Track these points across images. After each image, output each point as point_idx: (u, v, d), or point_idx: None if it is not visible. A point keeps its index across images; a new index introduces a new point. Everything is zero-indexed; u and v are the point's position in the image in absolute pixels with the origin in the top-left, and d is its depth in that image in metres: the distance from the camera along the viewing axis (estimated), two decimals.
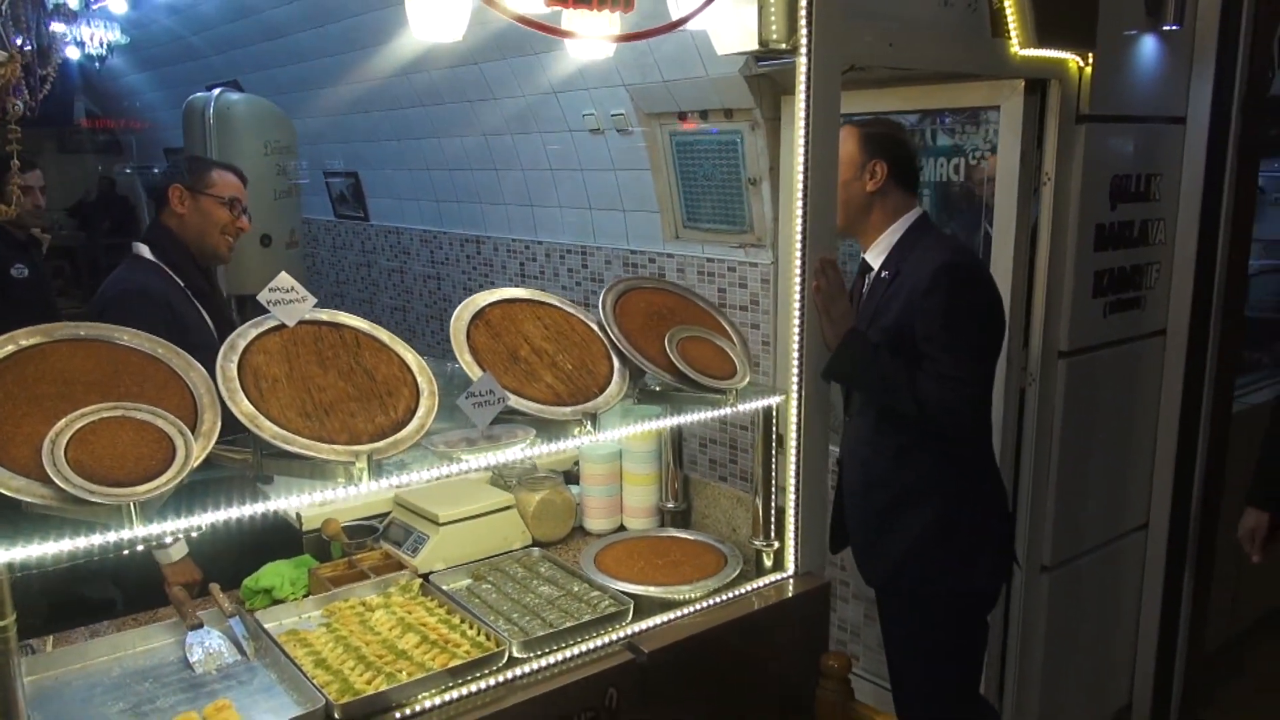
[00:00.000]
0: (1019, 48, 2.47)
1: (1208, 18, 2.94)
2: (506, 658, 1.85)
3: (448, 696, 1.75)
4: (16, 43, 2.64)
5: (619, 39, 2.02)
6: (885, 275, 2.32)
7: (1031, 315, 2.82)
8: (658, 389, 2.19)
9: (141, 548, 1.45)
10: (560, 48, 3.32)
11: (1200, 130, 2.98)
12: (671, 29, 2.00)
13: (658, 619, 2.04)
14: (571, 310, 2.14)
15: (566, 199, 4.37)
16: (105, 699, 1.74)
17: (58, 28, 6.09)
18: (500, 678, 1.82)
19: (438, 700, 1.74)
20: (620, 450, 2.62)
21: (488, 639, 1.90)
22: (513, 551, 2.38)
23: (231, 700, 1.69)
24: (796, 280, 2.19)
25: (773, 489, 2.28)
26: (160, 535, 1.45)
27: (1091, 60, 2.67)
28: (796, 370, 2.23)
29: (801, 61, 2.07)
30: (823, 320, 2.20)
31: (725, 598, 2.15)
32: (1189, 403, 3.13)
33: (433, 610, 2.04)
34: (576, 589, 2.14)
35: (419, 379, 1.83)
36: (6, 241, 3.81)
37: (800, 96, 2.09)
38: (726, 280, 3.68)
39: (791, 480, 2.27)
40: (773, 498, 2.29)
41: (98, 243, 9.25)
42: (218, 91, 4.45)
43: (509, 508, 2.47)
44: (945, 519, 2.28)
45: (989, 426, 2.41)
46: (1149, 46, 2.84)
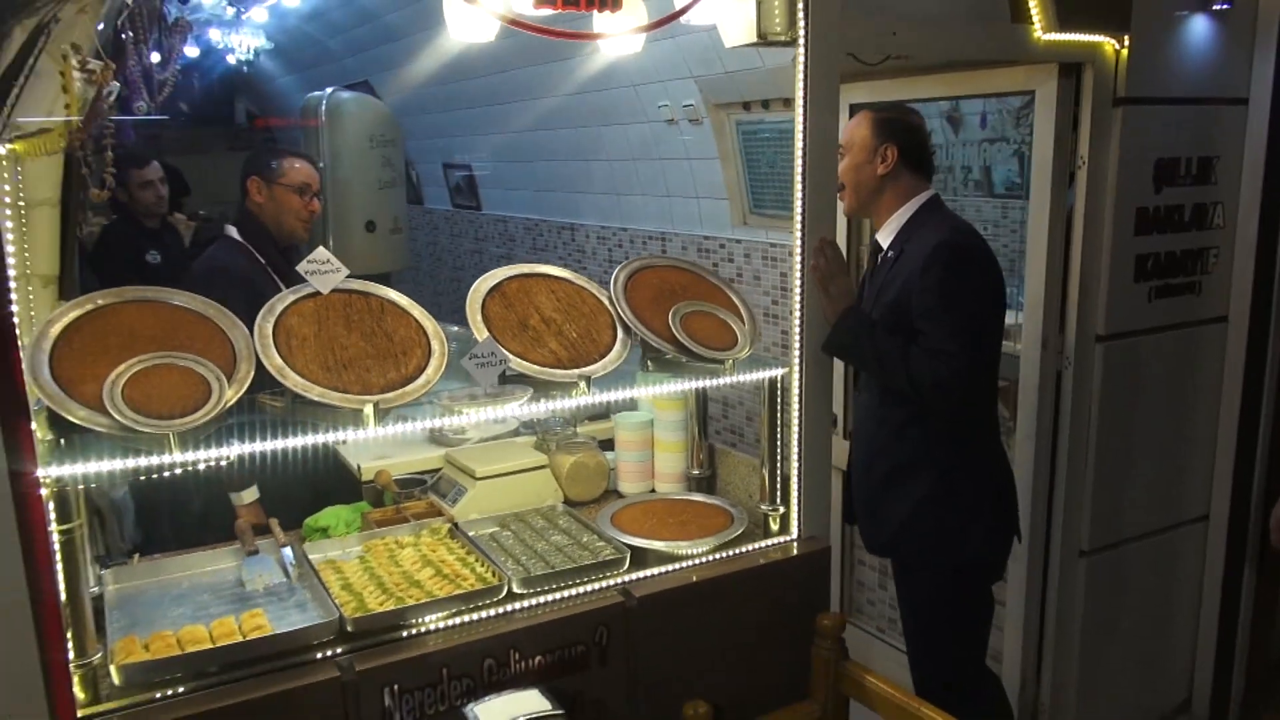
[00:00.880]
0: (1042, 32, 2.50)
1: None
2: (506, 591, 2.07)
3: (450, 622, 1.99)
4: (151, 53, 3.05)
5: (638, 30, 2.21)
6: (891, 254, 2.42)
7: (1067, 299, 2.82)
8: (668, 359, 2.36)
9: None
10: (641, 40, 3.53)
11: (1261, 111, 2.90)
12: (672, 20, 2.17)
13: (651, 570, 2.22)
14: (584, 285, 2.34)
15: (647, 187, 4.58)
16: (170, 605, 2.07)
17: (215, 35, 6.74)
18: (500, 609, 2.05)
19: (442, 624, 1.99)
20: (652, 419, 2.80)
21: (492, 575, 2.13)
22: (541, 506, 2.61)
23: (266, 612, 1.98)
24: (797, 258, 2.32)
25: (778, 456, 2.42)
26: (195, 461, 1.75)
27: (1128, 43, 2.66)
28: (798, 343, 2.36)
29: (800, 51, 2.20)
30: (822, 298, 2.32)
31: (721, 555, 2.31)
32: (1250, 392, 3.05)
33: (453, 550, 2.28)
34: (585, 539, 2.34)
35: (433, 342, 2.07)
36: (140, 230, 4.31)
37: (799, 85, 2.22)
38: (787, 265, 3.79)
39: (795, 448, 2.40)
40: (778, 465, 2.43)
41: None
42: (330, 91, 4.87)
43: (543, 467, 2.69)
44: (939, 490, 2.37)
45: (989, 401, 2.46)
46: (1200, 27, 2.79)
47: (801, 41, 2.19)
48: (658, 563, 2.26)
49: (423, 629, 1.97)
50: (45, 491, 1.63)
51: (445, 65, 5.46)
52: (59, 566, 1.67)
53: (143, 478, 1.77)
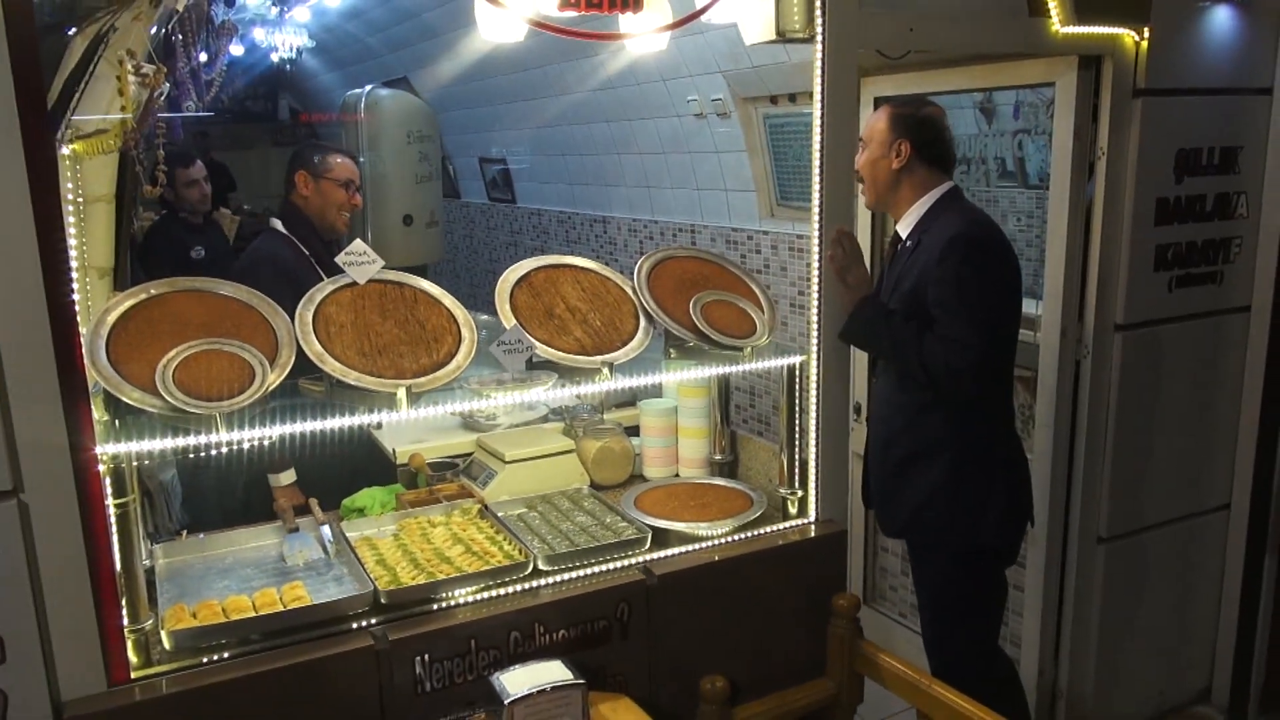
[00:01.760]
0: (1060, 25, 2.54)
1: None
2: (531, 568, 2.17)
3: (479, 596, 2.10)
4: (199, 54, 3.19)
5: (661, 30, 2.29)
6: (909, 244, 2.48)
7: (1086, 289, 2.86)
8: (690, 347, 2.45)
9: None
10: (665, 37, 3.61)
11: None
12: (692, 19, 2.25)
13: (671, 549, 2.31)
14: (609, 275, 2.43)
15: (677, 180, 4.65)
16: (215, 578, 2.19)
17: (259, 34, 6.92)
18: (526, 585, 2.15)
19: (471, 598, 2.09)
20: (676, 406, 2.88)
21: (519, 552, 2.23)
22: (567, 489, 2.70)
23: (305, 584, 2.10)
24: (815, 249, 2.39)
25: (796, 442, 2.50)
26: (240, 440, 1.86)
27: (1148, 34, 2.68)
28: (816, 332, 2.43)
29: (818, 48, 2.27)
30: (839, 287, 2.39)
31: (738, 536, 2.39)
32: (1272, 381, 3.06)
33: (483, 529, 2.39)
34: (609, 520, 2.43)
35: (463, 330, 2.17)
36: (186, 226, 4.47)
37: (817, 80, 2.29)
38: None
39: (813, 433, 2.47)
40: (797, 450, 2.50)
41: None
42: (369, 88, 5.00)
43: (570, 452, 2.79)
44: (953, 475, 2.43)
45: (1004, 389, 2.51)
46: (1222, 17, 2.80)
47: (819, 38, 2.26)
48: (678, 543, 2.35)
49: (452, 602, 2.07)
50: (102, 468, 1.75)
51: (481, 61, 5.56)
52: (115, 538, 1.80)
53: (190, 458, 1.90)
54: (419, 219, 4.95)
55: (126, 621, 1.83)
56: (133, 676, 1.81)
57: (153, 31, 2.26)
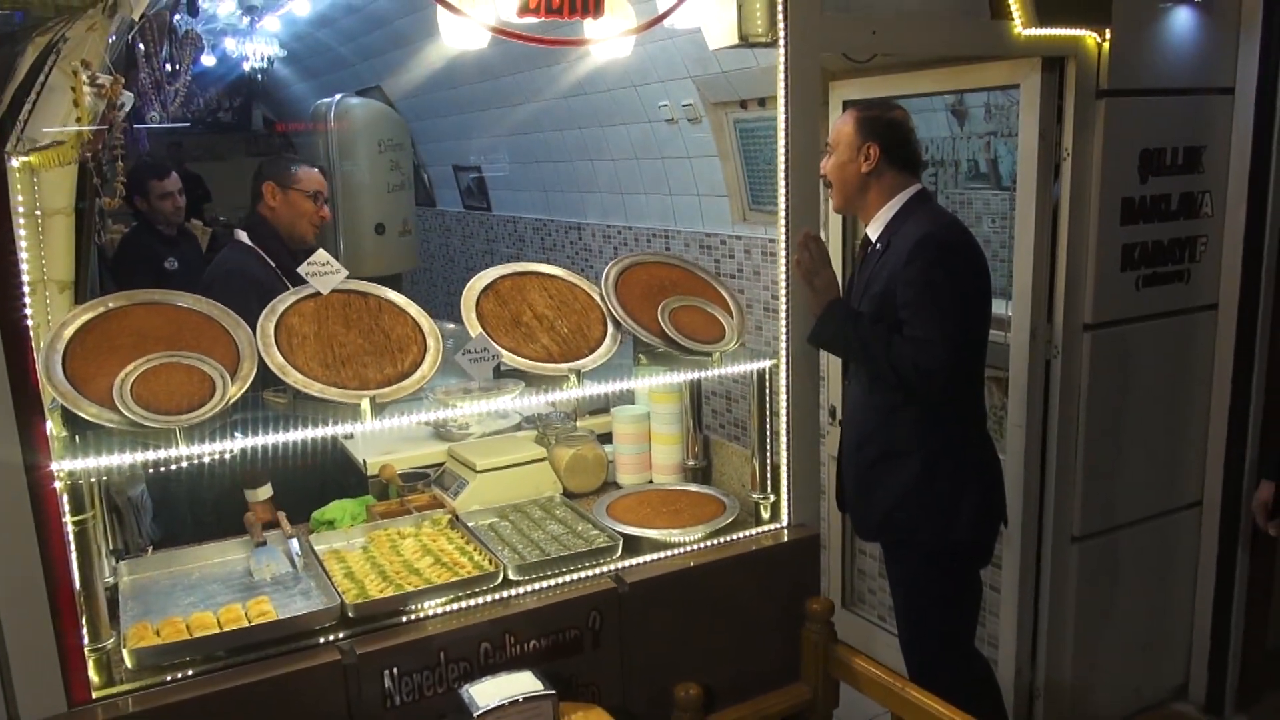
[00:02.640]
0: (1022, 27, 2.55)
1: None
2: (501, 578, 2.15)
3: (448, 607, 2.08)
4: (165, 64, 3.17)
5: (624, 34, 2.29)
6: (879, 247, 2.48)
7: (1054, 289, 2.87)
8: (659, 353, 2.44)
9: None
10: (630, 43, 3.62)
11: (1248, 101, 2.93)
12: (655, 23, 2.24)
13: (643, 557, 2.30)
14: (577, 282, 2.42)
15: (650, 186, 4.65)
16: (181, 594, 2.16)
17: (230, 43, 6.86)
18: (496, 595, 2.13)
19: (440, 609, 2.07)
20: (648, 412, 2.87)
21: (489, 562, 2.21)
22: (540, 498, 2.68)
23: (272, 599, 2.07)
24: (783, 253, 2.39)
25: (768, 447, 2.49)
26: (200, 455, 1.84)
27: (1110, 36, 2.70)
28: (785, 336, 2.43)
29: (780, 52, 2.27)
30: (806, 291, 2.39)
31: (711, 543, 2.38)
32: (1240, 377, 3.08)
33: (453, 539, 2.37)
34: (580, 528, 2.42)
35: (429, 339, 2.16)
36: (159, 238, 4.42)
37: (780, 84, 2.29)
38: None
39: (783, 438, 2.47)
40: (769, 454, 2.50)
41: None
42: (338, 97, 4.98)
43: (541, 460, 2.77)
44: (926, 474, 2.43)
45: (974, 389, 2.51)
46: (1183, 18, 2.83)
47: (782, 42, 2.26)
48: (650, 550, 2.33)
49: (421, 614, 2.05)
50: (59, 484, 1.72)
51: (453, 69, 5.55)
52: (73, 556, 1.77)
53: (160, 472, 1.87)
54: (391, 228, 4.93)
55: (87, 640, 1.80)
56: (94, 696, 1.78)
57: (111, 41, 2.23)
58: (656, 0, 2.37)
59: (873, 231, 2.53)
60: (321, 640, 1.95)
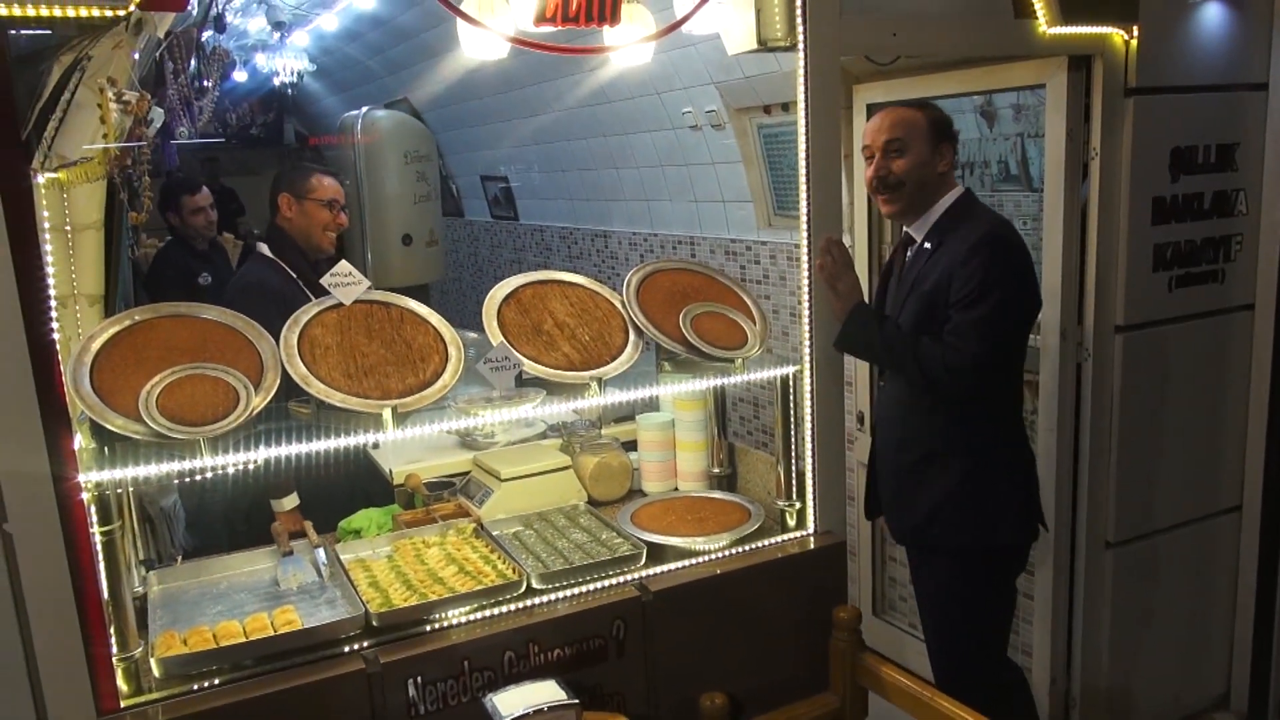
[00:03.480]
0: (1046, 26, 2.52)
1: None
2: (525, 586, 2.15)
3: (472, 616, 2.08)
4: (194, 80, 3.21)
5: (643, 40, 2.29)
6: (928, 246, 2.43)
7: (1084, 291, 2.83)
8: (682, 360, 2.43)
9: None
10: (650, 49, 3.62)
11: None
12: (673, 29, 2.24)
13: (668, 565, 2.28)
14: (598, 290, 2.42)
15: (675, 193, 4.65)
16: (209, 603, 2.18)
17: (260, 59, 6.96)
18: (519, 604, 2.13)
19: (464, 618, 2.07)
20: (673, 420, 2.86)
21: (513, 571, 2.21)
22: (564, 506, 2.68)
23: (298, 608, 2.09)
24: (805, 258, 2.37)
25: (793, 453, 2.47)
26: (225, 465, 1.85)
27: (1137, 33, 2.66)
28: (809, 341, 2.41)
29: (800, 56, 2.26)
30: (830, 295, 2.37)
31: (736, 550, 2.36)
32: (1279, 380, 3.01)
33: (477, 548, 2.37)
34: (604, 536, 2.41)
35: (450, 348, 2.17)
36: (192, 252, 4.49)
37: (800, 88, 2.27)
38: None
39: (809, 444, 2.45)
40: (793, 461, 2.48)
41: None
42: (365, 110, 5.02)
43: (566, 468, 2.77)
44: (969, 477, 2.40)
45: (1015, 390, 2.48)
46: (1213, 13, 2.77)
47: (801, 46, 2.25)
48: (675, 558, 2.32)
49: (445, 623, 2.06)
50: (86, 496, 1.74)
51: (479, 80, 5.59)
52: (101, 566, 1.79)
53: (193, 483, 1.89)
54: (418, 239, 4.97)
55: (115, 650, 1.82)
56: (123, 705, 1.80)
57: (138, 58, 2.27)
58: (675, 7, 2.37)
59: (917, 231, 2.47)
60: (346, 649, 1.96)
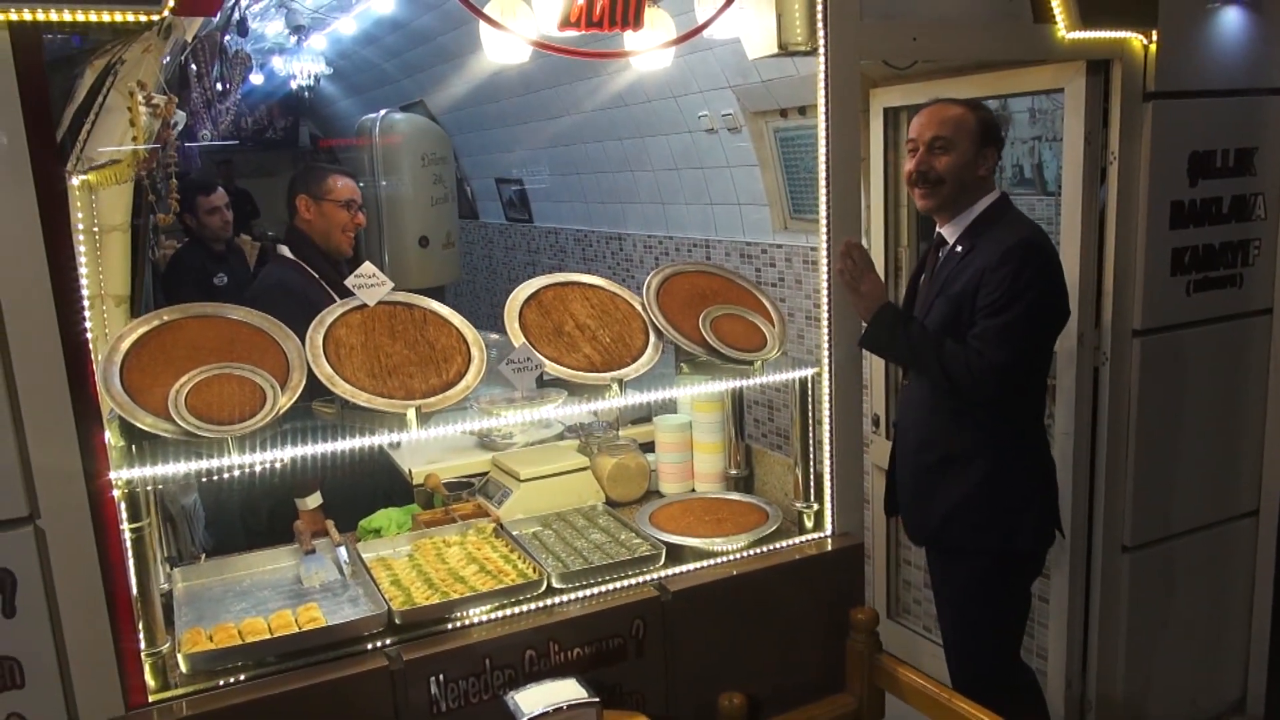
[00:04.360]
0: (1065, 31, 2.53)
1: None
2: (545, 586, 2.17)
3: (493, 615, 2.10)
4: (216, 83, 3.25)
5: (665, 45, 2.31)
6: (960, 249, 2.44)
7: (1102, 295, 2.83)
8: (701, 361, 2.44)
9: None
10: (670, 54, 3.64)
11: None
12: (694, 34, 2.26)
13: (686, 565, 2.30)
14: (618, 292, 2.44)
15: (690, 196, 4.66)
16: (233, 600, 2.21)
17: (278, 62, 7.01)
18: (540, 603, 2.15)
19: (485, 617, 2.09)
20: (690, 421, 2.87)
21: (533, 570, 2.22)
22: (582, 506, 2.70)
23: (321, 606, 2.11)
24: (824, 261, 2.39)
25: (810, 455, 2.48)
26: (252, 463, 1.88)
27: (1156, 37, 2.67)
28: (828, 344, 2.42)
29: (820, 60, 2.27)
30: (852, 297, 2.38)
31: (754, 551, 2.38)
32: None
33: (497, 548, 2.39)
34: (623, 537, 2.43)
35: (472, 349, 2.19)
36: (208, 254, 4.52)
37: (820, 92, 2.29)
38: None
39: (826, 446, 2.46)
40: (811, 463, 2.49)
41: None
42: (383, 113, 5.05)
43: (584, 469, 2.79)
44: (990, 479, 2.41)
45: (1039, 395, 2.49)
46: (1232, 18, 2.78)
47: (822, 50, 2.26)
48: (693, 559, 2.34)
49: (466, 621, 2.07)
50: (117, 493, 1.77)
51: (496, 83, 5.62)
52: (130, 562, 1.81)
53: (213, 481, 1.92)
54: (435, 240, 5.00)
55: (143, 645, 1.85)
56: (150, 700, 1.83)
57: (165, 61, 2.30)
58: (696, 11, 2.38)
59: (950, 233, 2.48)
60: (369, 647, 1.98)
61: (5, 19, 1.53)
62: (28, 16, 1.55)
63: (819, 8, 2.23)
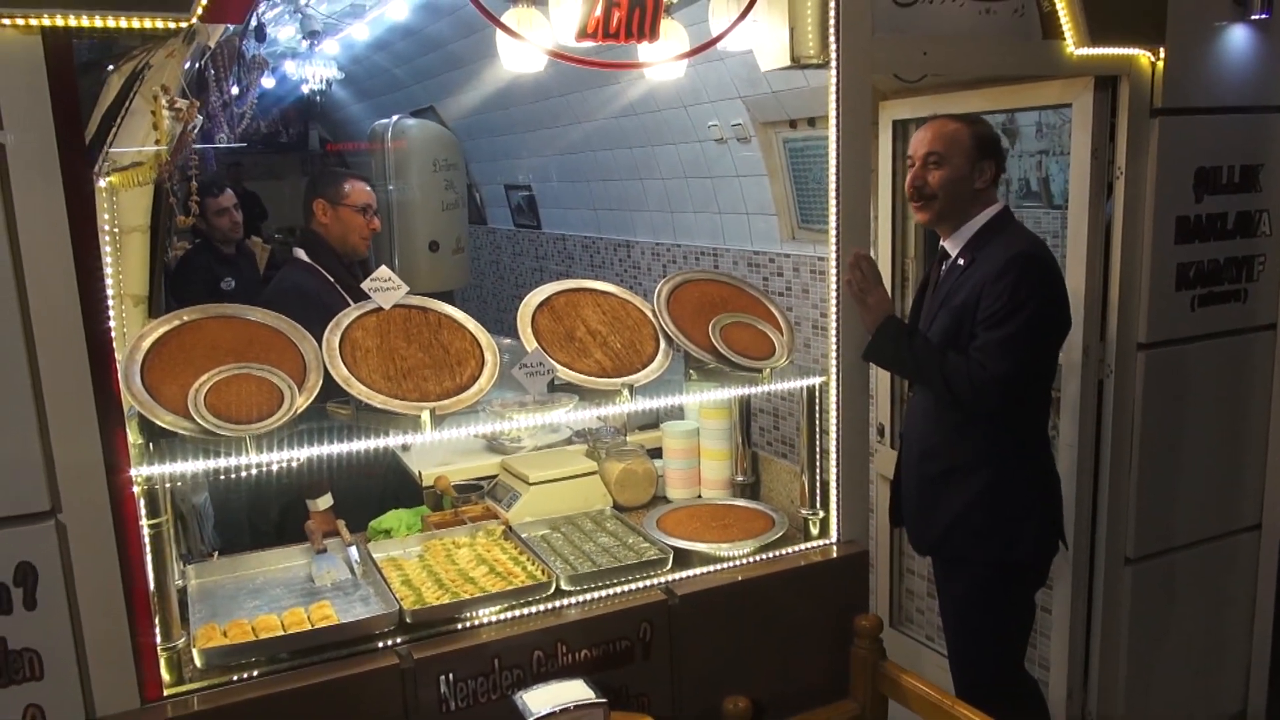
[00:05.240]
0: (1074, 47, 2.56)
1: None
2: (554, 588, 2.20)
3: (502, 615, 2.12)
4: (233, 87, 3.29)
5: (678, 58, 2.35)
6: (961, 262, 2.47)
7: (1107, 308, 2.86)
8: (710, 369, 2.47)
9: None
10: (682, 65, 3.68)
11: None
12: (709, 46, 2.29)
13: (693, 570, 2.33)
14: (629, 299, 2.47)
15: (699, 204, 4.70)
16: (246, 597, 2.24)
17: (290, 66, 7.06)
18: (549, 605, 2.17)
19: (495, 617, 2.12)
20: (698, 428, 2.90)
21: (542, 573, 2.25)
22: (590, 510, 2.73)
23: (333, 604, 2.14)
24: (833, 272, 2.42)
25: (817, 463, 2.51)
26: (268, 462, 1.91)
27: (1164, 54, 2.70)
28: (835, 354, 2.45)
29: (832, 73, 2.30)
30: (859, 308, 2.41)
31: (760, 557, 2.40)
32: None
33: (506, 550, 2.42)
34: (631, 541, 2.45)
35: (486, 353, 2.22)
36: (217, 256, 4.54)
37: (831, 105, 2.32)
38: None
39: (833, 454, 2.49)
40: (818, 471, 2.52)
41: None
42: (395, 118, 5.10)
43: (592, 473, 2.82)
44: (990, 490, 2.44)
45: (1042, 407, 2.52)
46: (1239, 37, 2.81)
47: (834, 63, 2.29)
48: (700, 563, 2.36)
49: (476, 622, 2.10)
50: (137, 489, 1.80)
51: (506, 90, 5.66)
52: (149, 558, 1.85)
53: (223, 481, 1.95)
54: (445, 245, 5.04)
55: (159, 639, 1.88)
56: (165, 694, 1.86)
57: (186, 66, 2.34)
58: (709, 23, 2.42)
59: (952, 246, 2.52)
60: (380, 645, 2.01)
61: (39, 24, 1.57)
62: (60, 22, 1.59)
63: (831, 22, 2.27)
